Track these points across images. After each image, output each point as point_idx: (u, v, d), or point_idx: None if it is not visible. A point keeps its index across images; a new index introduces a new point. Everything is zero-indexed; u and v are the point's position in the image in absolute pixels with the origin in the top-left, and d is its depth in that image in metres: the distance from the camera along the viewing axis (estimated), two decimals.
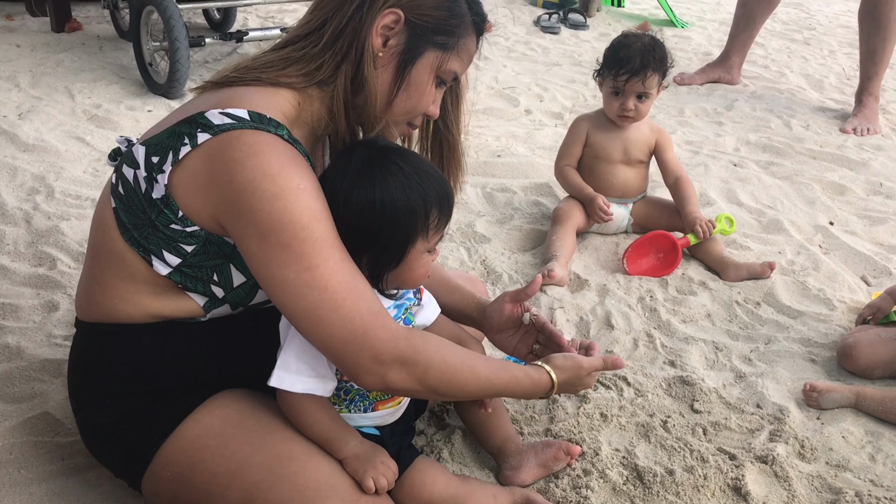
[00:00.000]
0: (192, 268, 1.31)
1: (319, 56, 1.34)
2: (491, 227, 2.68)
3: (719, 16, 6.37)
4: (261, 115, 1.25)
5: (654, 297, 2.33)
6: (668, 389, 1.95)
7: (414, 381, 1.27)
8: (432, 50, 1.37)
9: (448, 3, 1.37)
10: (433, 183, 1.34)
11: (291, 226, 1.19)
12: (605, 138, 2.59)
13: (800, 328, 2.23)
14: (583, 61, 4.77)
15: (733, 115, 4.04)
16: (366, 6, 1.31)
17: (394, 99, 1.38)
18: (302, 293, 1.20)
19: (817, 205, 3.02)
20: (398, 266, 1.34)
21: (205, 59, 4.11)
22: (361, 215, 1.28)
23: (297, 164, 1.23)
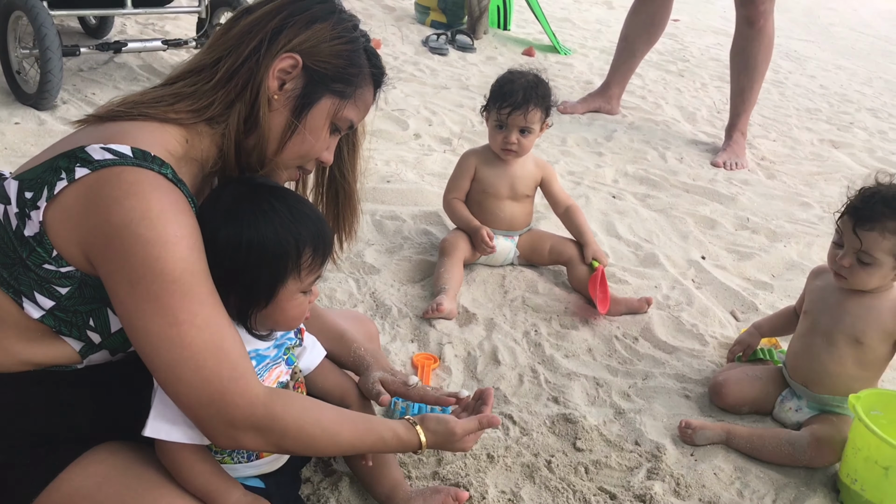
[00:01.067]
0: (66, 311, 1.24)
1: (211, 93, 1.31)
2: (380, 256, 2.67)
3: (600, 43, 6.61)
4: (144, 153, 1.20)
5: (539, 332, 2.38)
6: (551, 427, 1.99)
7: (270, 446, 1.28)
8: (329, 97, 1.36)
9: (347, 52, 1.36)
10: (308, 222, 1.31)
11: (162, 277, 1.14)
12: (492, 174, 2.63)
13: (675, 364, 2.33)
14: (470, 85, 4.83)
15: (612, 145, 4.19)
16: (263, 48, 1.29)
17: (286, 142, 1.36)
18: (165, 348, 1.16)
19: (690, 239, 3.17)
20: (268, 306, 1.31)
21: (79, 68, 3.91)
22: (228, 253, 1.25)
23: (177, 209, 1.19)
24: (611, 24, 7.45)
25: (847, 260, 1.92)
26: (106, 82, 3.80)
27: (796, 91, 6.17)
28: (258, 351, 1.36)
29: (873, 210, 1.87)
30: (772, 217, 3.52)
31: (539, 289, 2.62)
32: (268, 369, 1.38)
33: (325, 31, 1.34)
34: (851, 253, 1.92)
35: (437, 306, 2.33)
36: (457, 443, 1.48)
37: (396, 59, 5.11)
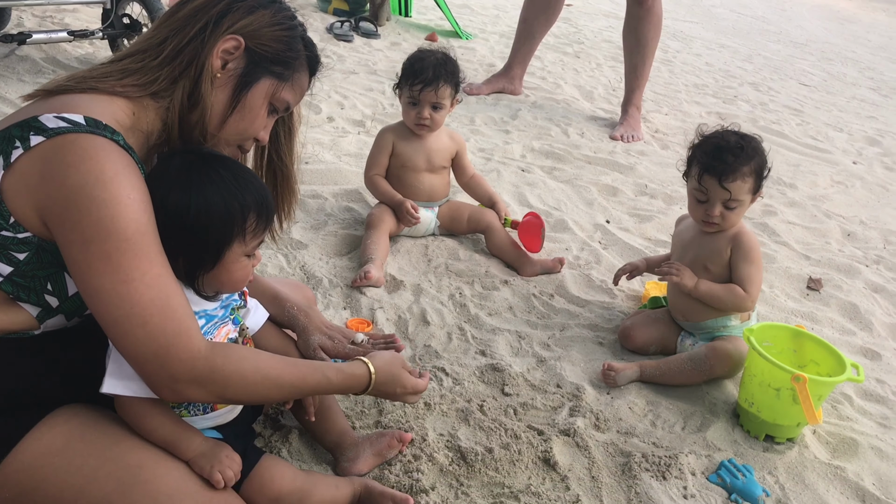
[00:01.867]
0: (24, 277, 1.30)
1: (157, 69, 1.39)
2: (306, 233, 2.77)
3: (499, 28, 6.82)
4: (96, 121, 1.27)
5: (463, 294, 2.54)
6: (481, 377, 2.15)
7: (213, 397, 1.33)
8: (268, 78, 1.46)
9: (287, 37, 1.47)
10: (252, 189, 1.40)
11: (116, 236, 1.21)
12: (409, 148, 2.77)
13: (588, 315, 2.53)
14: (378, 70, 4.95)
15: (518, 123, 4.39)
16: (208, 29, 1.39)
17: (227, 119, 1.45)
18: (114, 304, 1.23)
19: (595, 205, 3.39)
20: (215, 268, 1.39)
21: None
22: (177, 217, 1.33)
23: (130, 173, 1.26)
24: (508, 10, 7.67)
25: (717, 210, 2.18)
26: (10, 75, 3.74)
27: (684, 68, 6.54)
28: (206, 311, 1.45)
29: (727, 162, 2.14)
30: (667, 183, 3.79)
31: (460, 255, 2.78)
32: (216, 328, 1.47)
33: (266, 17, 1.44)
34: (720, 204, 2.16)
35: (365, 274, 2.46)
36: (402, 375, 1.59)
37: None
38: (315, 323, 1.77)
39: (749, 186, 2.18)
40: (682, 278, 2.21)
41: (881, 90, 7.35)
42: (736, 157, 2.14)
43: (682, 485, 1.85)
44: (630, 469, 1.86)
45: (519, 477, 1.79)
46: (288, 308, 1.76)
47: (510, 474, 1.80)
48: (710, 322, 2.27)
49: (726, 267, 2.25)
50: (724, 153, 2.15)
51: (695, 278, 2.22)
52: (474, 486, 1.75)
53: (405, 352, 2.22)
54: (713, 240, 2.27)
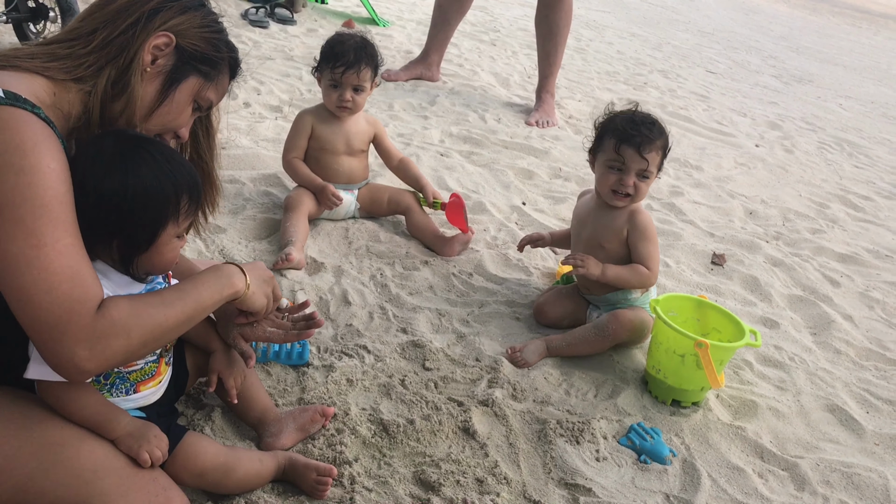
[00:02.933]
0: None
1: (85, 57, 1.40)
2: (224, 217, 2.77)
3: (416, 16, 6.85)
4: (16, 95, 1.27)
5: (384, 275, 2.59)
6: (402, 353, 2.20)
7: (120, 351, 1.29)
8: (195, 76, 1.51)
9: (213, 38, 1.52)
10: (183, 170, 1.43)
11: (31, 202, 1.22)
12: (328, 131, 2.79)
13: (505, 292, 2.61)
14: (294, 56, 4.92)
15: (436, 109, 4.45)
16: (139, 25, 1.42)
17: (154, 111, 1.48)
18: (21, 270, 1.21)
19: (512, 188, 3.48)
20: (149, 250, 1.40)
21: None
22: (112, 200, 1.33)
23: (51, 144, 1.27)
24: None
25: (632, 179, 2.28)
26: None
27: (597, 56, 6.71)
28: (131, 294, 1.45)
29: (644, 134, 2.25)
30: (580, 167, 3.91)
31: (381, 237, 2.82)
32: None
33: (196, 19, 1.49)
34: (634, 173, 2.27)
35: (286, 256, 2.47)
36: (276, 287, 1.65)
37: None
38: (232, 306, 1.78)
39: (658, 161, 2.30)
40: (588, 269, 2.28)
41: (782, 77, 7.70)
42: (650, 131, 2.27)
43: (595, 448, 1.95)
44: (546, 435, 1.95)
45: (440, 446, 1.85)
46: None
47: (431, 444, 1.86)
48: (612, 295, 2.38)
49: (623, 244, 2.35)
50: (640, 126, 2.27)
51: (599, 266, 2.29)
52: (396, 457, 1.80)
53: (327, 331, 2.26)
54: (611, 218, 2.36)
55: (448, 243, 2.78)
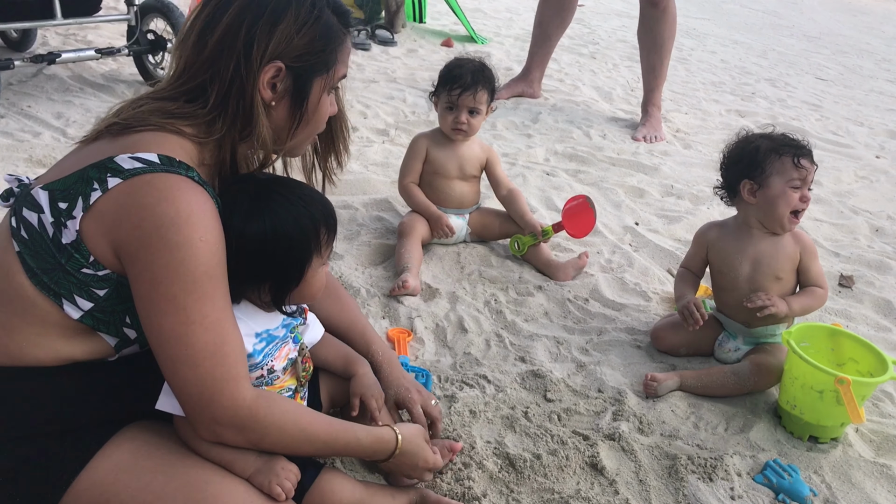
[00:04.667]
0: (104, 312, 1.33)
1: (207, 116, 1.39)
2: (341, 244, 2.80)
3: (514, 31, 6.84)
4: (171, 158, 1.30)
5: (498, 301, 2.56)
6: (522, 383, 2.17)
7: (249, 444, 1.37)
8: (319, 77, 1.45)
9: (317, 32, 1.41)
10: (315, 203, 1.45)
11: (182, 279, 1.25)
12: (442, 155, 2.80)
13: (624, 319, 2.54)
14: (397, 77, 4.98)
15: (539, 127, 4.41)
16: (242, 68, 1.36)
17: (294, 132, 1.46)
18: (171, 343, 1.27)
19: (623, 207, 3.41)
20: (298, 285, 1.45)
21: (9, 82, 3.88)
22: (258, 249, 1.38)
23: (203, 212, 1.28)
24: (520, 13, 7.70)
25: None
26: (39, 94, 3.80)
27: (700, 66, 6.54)
28: (269, 331, 1.48)
29: (805, 145, 2.27)
30: (693, 183, 3.80)
31: (492, 262, 2.80)
32: (277, 348, 1.51)
33: (289, 27, 1.37)
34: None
35: (402, 283, 2.48)
36: (426, 452, 1.63)
37: None
38: (396, 375, 1.82)
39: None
40: (778, 308, 2.18)
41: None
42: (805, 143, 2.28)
43: (729, 486, 1.86)
44: (676, 471, 1.88)
45: (568, 482, 1.81)
46: (373, 353, 1.82)
47: (559, 480, 1.82)
48: (762, 329, 2.28)
49: (794, 271, 2.25)
50: (794, 139, 2.28)
51: (784, 301, 2.19)
52: (524, 493, 1.77)
53: (445, 359, 2.25)
54: (779, 246, 2.25)
55: (561, 268, 2.73)
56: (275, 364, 1.49)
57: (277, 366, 1.49)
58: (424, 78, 4.57)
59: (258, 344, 1.45)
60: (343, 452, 1.54)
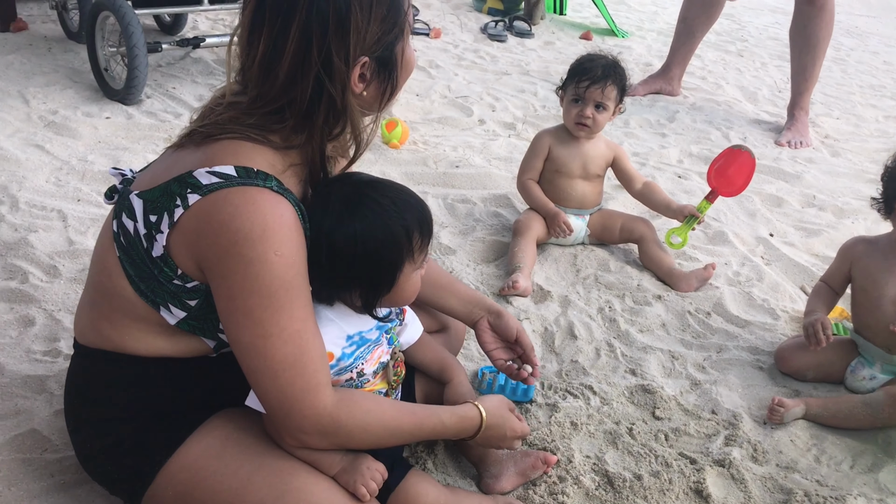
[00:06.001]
0: (197, 319, 1.36)
1: (294, 128, 1.33)
2: (455, 238, 2.77)
3: (657, 25, 6.60)
4: (248, 169, 1.28)
5: (613, 308, 2.46)
6: (630, 397, 2.07)
7: (335, 447, 1.39)
8: (398, 44, 1.36)
9: (382, 9, 1.31)
10: (410, 208, 1.41)
11: (258, 293, 1.24)
12: (565, 153, 2.71)
13: (747, 337, 2.38)
14: (530, 70, 4.90)
15: (675, 126, 4.23)
16: (326, 81, 1.28)
17: (383, 102, 1.41)
18: (251, 356, 1.28)
19: (758, 217, 3.21)
20: (390, 291, 1.42)
21: (157, 64, 4.08)
22: (348, 253, 1.35)
23: (280, 224, 1.25)
24: (666, 6, 7.42)
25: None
26: (184, 77, 3.97)
27: (859, 68, 6.09)
28: (361, 333, 1.47)
29: None
30: (838, 194, 3.53)
31: (611, 267, 2.70)
32: (370, 350, 1.49)
33: (359, 22, 1.27)
34: None
35: (513, 283, 2.43)
36: (512, 421, 1.59)
37: (457, 47, 5.19)
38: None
39: None
40: None
41: None
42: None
43: None
44: None
45: None
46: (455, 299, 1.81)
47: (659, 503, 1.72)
48: None
49: None
50: None
51: None
52: None
53: (551, 365, 2.18)
54: None
55: (684, 278, 2.60)
56: (365, 367, 1.47)
57: (368, 369, 1.48)
58: (559, 71, 4.45)
59: (348, 347, 1.43)
60: (430, 437, 1.55)
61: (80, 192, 2.78)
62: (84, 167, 2.96)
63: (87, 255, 2.41)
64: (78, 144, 3.16)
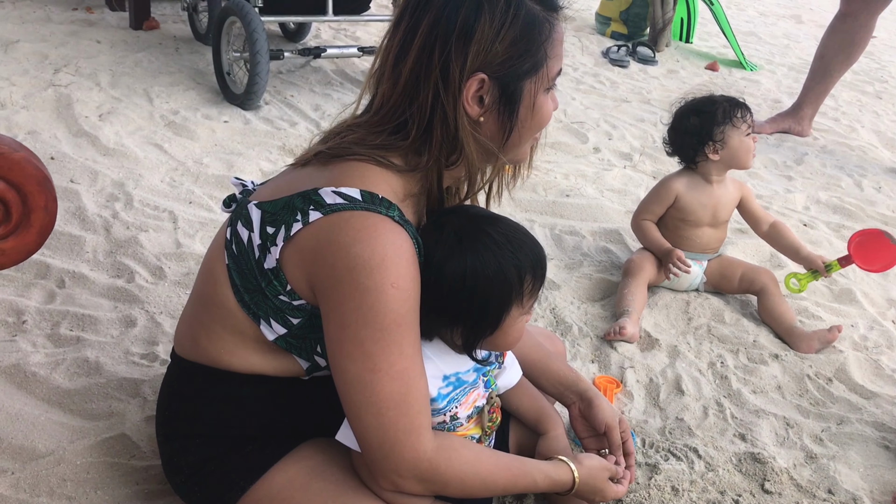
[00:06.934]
0: (296, 338, 1.32)
1: (412, 146, 1.30)
2: (560, 272, 2.67)
3: (788, 59, 6.31)
4: (373, 195, 1.24)
5: (725, 364, 2.30)
6: (738, 465, 1.92)
7: (428, 493, 1.32)
8: (528, 80, 1.29)
9: (516, 31, 1.26)
10: (525, 249, 1.33)
11: (371, 325, 1.19)
12: (695, 202, 2.55)
13: (873, 410, 2.18)
14: (651, 99, 4.74)
15: (803, 169, 3.99)
16: (441, 90, 1.25)
17: (506, 143, 1.33)
18: (356, 389, 1.22)
19: (891, 276, 2.96)
20: (493, 334, 1.34)
21: (278, 70, 4.15)
22: (455, 288, 1.28)
23: (399, 255, 1.21)
24: (799, 40, 7.10)
25: None
26: (303, 85, 4.02)
27: None
28: (458, 374, 1.39)
29: None
30: None
31: (725, 318, 2.53)
32: (465, 393, 1.41)
33: (486, 34, 1.23)
34: None
35: (620, 329, 2.30)
36: (606, 482, 1.48)
37: (576, 70, 5.09)
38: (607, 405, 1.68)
39: None
40: None
41: None
42: None
43: None
44: None
45: None
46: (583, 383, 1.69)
47: None
48: None
49: None
50: None
51: None
52: None
53: (654, 420, 2.04)
54: None
55: (806, 338, 2.41)
56: (459, 411, 1.39)
57: (462, 413, 1.40)
58: None
59: (444, 388, 1.36)
60: (520, 493, 1.53)
61: (192, 195, 2.83)
62: (198, 169, 3.01)
63: (193, 258, 2.43)
64: (195, 146, 3.22)
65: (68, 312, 2.13)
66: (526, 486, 1.41)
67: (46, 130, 3.19)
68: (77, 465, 1.64)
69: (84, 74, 3.81)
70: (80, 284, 2.26)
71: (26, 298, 2.18)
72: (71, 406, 1.83)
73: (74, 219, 2.58)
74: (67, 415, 1.81)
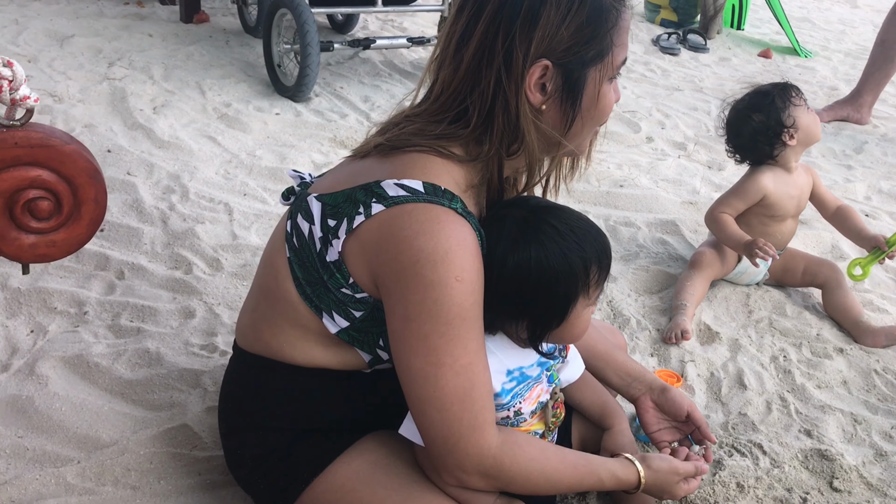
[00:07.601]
0: (359, 331, 1.31)
1: (473, 134, 1.28)
2: (616, 264, 2.62)
3: (844, 45, 6.14)
4: (435, 187, 1.22)
5: (788, 358, 2.25)
6: (805, 462, 1.87)
7: (492, 489, 1.31)
8: (592, 68, 1.26)
9: (582, 17, 1.22)
10: (590, 238, 1.30)
11: (435, 319, 1.18)
12: (785, 195, 2.46)
13: None
14: (704, 87, 4.65)
15: (863, 158, 3.88)
16: (504, 76, 1.22)
17: (569, 132, 1.30)
18: (420, 384, 1.21)
19: None
20: (559, 326, 1.32)
21: (327, 62, 4.15)
22: (520, 280, 1.26)
23: (463, 248, 1.19)
24: (855, 25, 6.90)
25: None
26: (352, 76, 4.02)
27: None
28: (522, 369, 1.38)
29: None
30: None
31: (787, 311, 2.47)
32: (529, 388, 1.39)
33: (551, 19, 1.21)
34: None
35: (683, 333, 2.22)
36: (675, 485, 1.43)
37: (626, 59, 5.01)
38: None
39: None
40: None
41: None
42: None
43: None
44: None
45: None
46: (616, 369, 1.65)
47: None
48: None
49: None
50: None
51: None
52: None
53: (717, 415, 2.00)
54: None
55: (872, 332, 2.33)
56: (523, 406, 1.37)
57: (525, 408, 1.38)
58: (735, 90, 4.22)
59: (508, 383, 1.34)
60: (585, 491, 1.51)
61: (246, 187, 2.84)
62: (252, 161, 3.03)
63: (249, 250, 2.45)
64: (247, 138, 3.24)
65: (128, 303, 2.16)
66: (592, 485, 1.38)
67: (103, 123, 3.24)
68: (140, 455, 1.66)
69: (137, 68, 3.85)
70: (139, 276, 2.29)
71: (87, 290, 2.21)
72: (133, 396, 1.85)
73: (132, 211, 2.61)
74: (130, 405, 1.83)
